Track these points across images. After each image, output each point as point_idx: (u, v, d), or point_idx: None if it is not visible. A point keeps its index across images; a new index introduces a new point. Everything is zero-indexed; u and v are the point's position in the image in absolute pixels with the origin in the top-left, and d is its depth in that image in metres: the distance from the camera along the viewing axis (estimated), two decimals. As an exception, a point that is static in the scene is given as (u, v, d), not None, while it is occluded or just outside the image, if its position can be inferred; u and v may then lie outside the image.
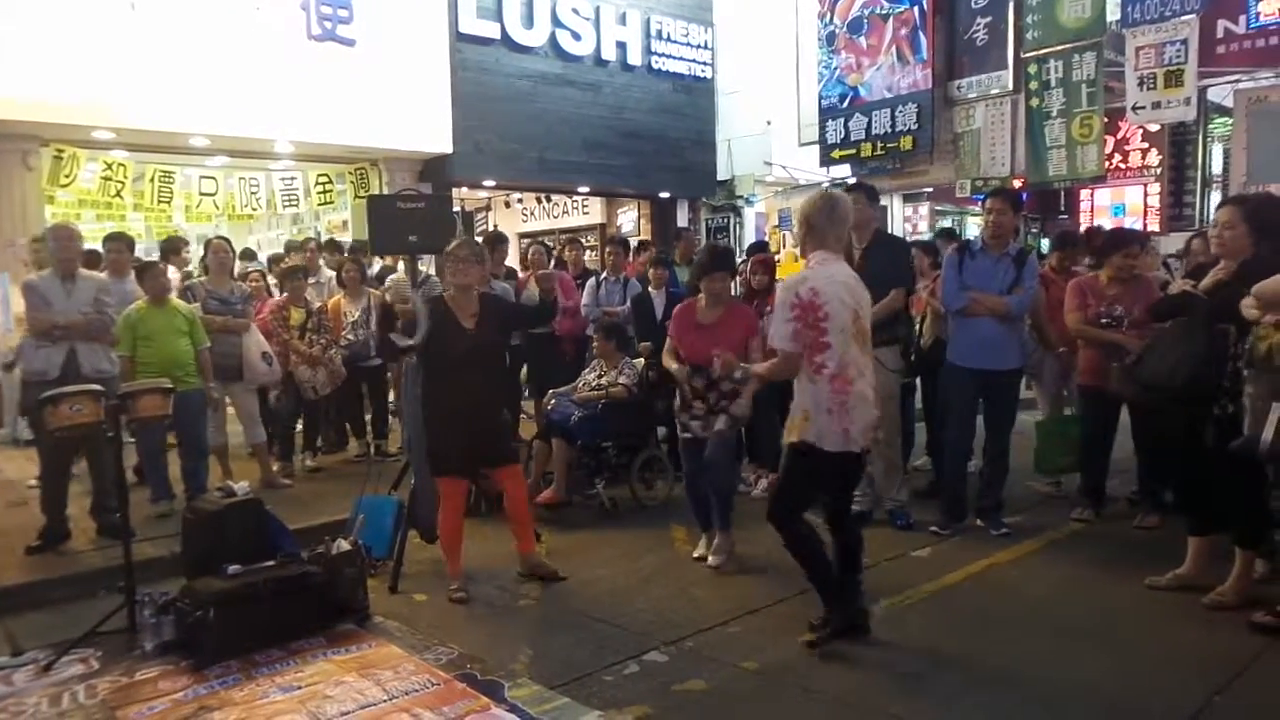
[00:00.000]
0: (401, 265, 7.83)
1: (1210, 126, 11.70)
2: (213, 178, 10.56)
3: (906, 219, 16.32)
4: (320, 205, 11.18)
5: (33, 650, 3.92)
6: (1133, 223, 13.18)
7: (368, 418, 7.57)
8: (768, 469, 6.06)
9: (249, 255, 9.86)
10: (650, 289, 7.08)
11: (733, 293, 5.46)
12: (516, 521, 4.75)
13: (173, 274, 7.92)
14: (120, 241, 6.59)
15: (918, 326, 6.25)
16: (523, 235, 14.74)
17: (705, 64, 12.89)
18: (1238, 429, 3.75)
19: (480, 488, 5.58)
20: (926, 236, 14.92)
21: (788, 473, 3.78)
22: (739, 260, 7.55)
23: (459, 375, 4.40)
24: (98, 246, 7.07)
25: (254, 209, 11.15)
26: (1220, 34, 9.23)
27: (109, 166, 9.23)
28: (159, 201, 10.06)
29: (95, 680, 3.65)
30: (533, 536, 4.82)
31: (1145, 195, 14.26)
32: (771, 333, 3.70)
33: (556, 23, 11.24)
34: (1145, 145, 13.84)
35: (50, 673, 3.71)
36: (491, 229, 13.50)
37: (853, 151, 11.48)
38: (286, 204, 11.10)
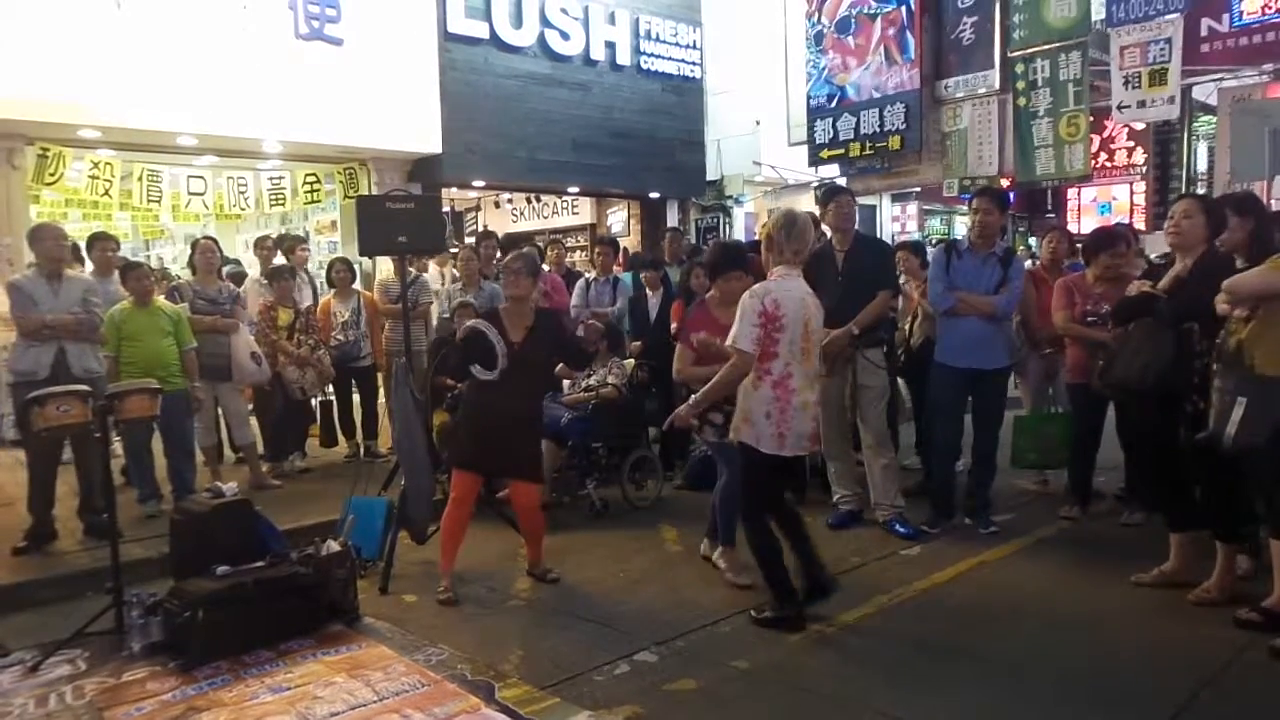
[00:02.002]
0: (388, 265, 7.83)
1: (1194, 125, 11.79)
2: (201, 177, 10.51)
3: (895, 218, 16.37)
4: (308, 205, 11.14)
5: (19, 651, 3.90)
6: (1119, 220, 13.27)
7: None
8: None
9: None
10: (646, 290, 7.10)
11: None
12: (527, 535, 4.77)
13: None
14: (107, 241, 6.56)
15: (908, 326, 6.28)
16: (512, 235, 14.72)
17: (694, 64, 12.89)
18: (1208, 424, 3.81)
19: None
20: (915, 236, 14.99)
21: (743, 472, 4.04)
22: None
23: (494, 385, 4.40)
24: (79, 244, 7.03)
25: (242, 208, 11.10)
26: (1204, 33, 9.32)
27: (95, 165, 9.17)
28: (148, 201, 10.01)
29: (83, 681, 3.63)
30: (540, 547, 4.78)
31: (1131, 194, 14.37)
32: (734, 333, 3.88)
33: (545, 22, 11.22)
34: (1131, 144, 13.95)
35: (37, 674, 3.70)
36: (481, 229, 13.49)
37: (841, 151, 11.50)
38: (274, 203, 11.05)
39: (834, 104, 11.56)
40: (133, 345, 5.55)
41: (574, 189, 12.76)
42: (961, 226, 16.40)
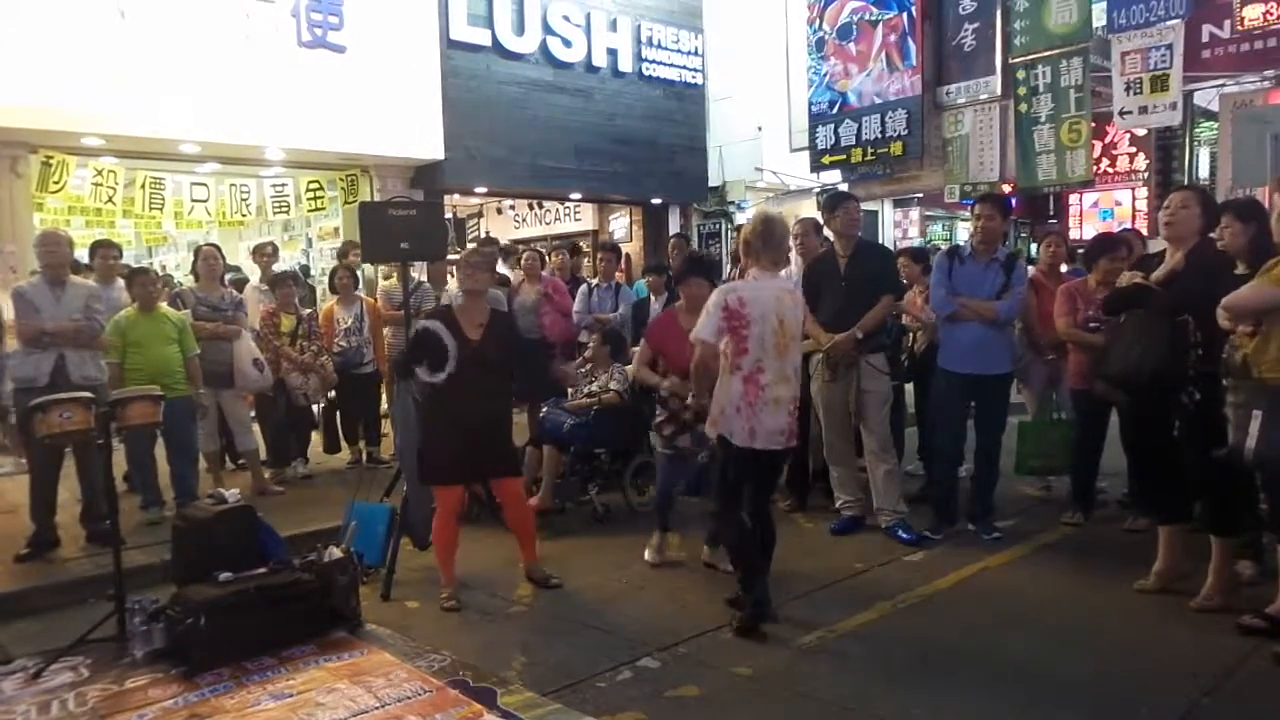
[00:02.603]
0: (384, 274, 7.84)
1: (1196, 131, 11.78)
2: (204, 184, 10.52)
3: (897, 224, 16.37)
4: (311, 212, 11.15)
5: (22, 658, 3.90)
6: (1123, 225, 13.26)
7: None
8: None
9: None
10: (651, 296, 7.11)
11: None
12: (517, 534, 4.77)
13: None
14: (111, 248, 6.57)
15: (911, 332, 6.28)
16: (515, 242, 14.72)
17: (696, 70, 12.91)
18: (1203, 416, 3.83)
19: (473, 493, 5.57)
20: (917, 242, 14.99)
21: (720, 466, 4.14)
22: (732, 266, 7.59)
23: (458, 385, 4.35)
24: (83, 253, 7.04)
25: (244, 215, 11.12)
26: (1205, 39, 9.31)
27: (99, 173, 9.18)
28: (150, 208, 10.03)
29: (85, 688, 3.63)
30: (534, 547, 4.80)
31: (1134, 199, 14.37)
32: (696, 326, 4.01)
33: (547, 29, 11.24)
34: (1133, 149, 13.94)
35: (39, 680, 3.70)
36: (483, 235, 13.51)
37: (843, 157, 11.52)
38: (277, 210, 11.06)
39: (835, 110, 11.57)
40: (137, 352, 5.56)
41: (576, 195, 12.76)
42: (964, 232, 16.39)
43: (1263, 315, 3.53)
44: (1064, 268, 6.32)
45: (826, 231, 5.69)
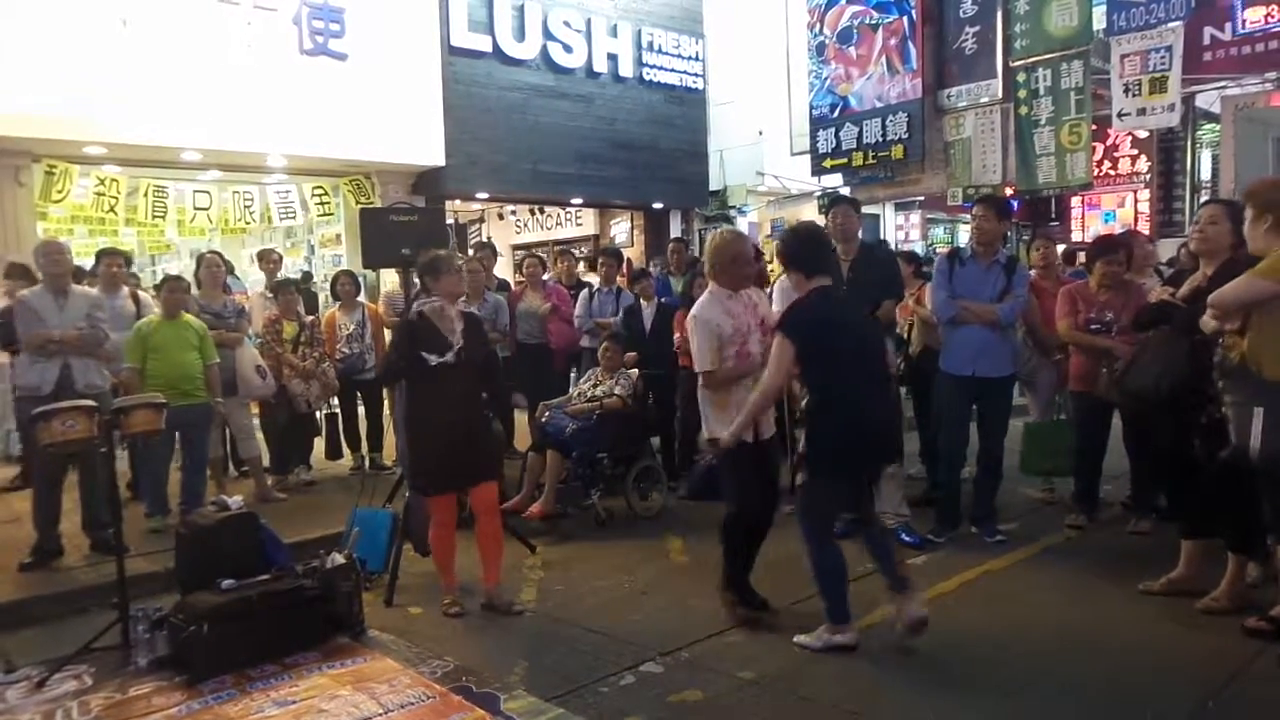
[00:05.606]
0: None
1: (1198, 133, 11.80)
2: (206, 192, 10.55)
3: (898, 227, 16.37)
4: (321, 218, 11.17)
5: (26, 667, 3.90)
6: (1124, 227, 13.25)
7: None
8: None
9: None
10: (640, 301, 7.09)
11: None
12: (483, 550, 4.55)
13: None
14: (116, 256, 6.59)
15: (906, 334, 6.27)
16: (516, 247, 14.76)
17: (697, 75, 12.94)
18: (1223, 434, 3.79)
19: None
20: (918, 246, 15.00)
21: None
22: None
23: (441, 388, 4.30)
24: (84, 262, 7.07)
25: (247, 222, 11.15)
26: (1207, 41, 9.34)
27: (102, 182, 9.22)
28: (153, 216, 10.06)
29: (89, 696, 3.63)
30: (498, 569, 4.59)
31: (1135, 201, 14.37)
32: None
33: (548, 35, 11.28)
34: (1134, 152, 13.95)
35: (43, 689, 3.70)
36: (484, 240, 13.53)
37: (844, 161, 11.54)
38: (283, 216, 11.09)
39: (836, 114, 11.60)
40: (158, 358, 5.55)
41: (577, 200, 12.79)
42: (966, 235, 16.38)
43: (1250, 309, 3.50)
44: (1068, 271, 6.30)
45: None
